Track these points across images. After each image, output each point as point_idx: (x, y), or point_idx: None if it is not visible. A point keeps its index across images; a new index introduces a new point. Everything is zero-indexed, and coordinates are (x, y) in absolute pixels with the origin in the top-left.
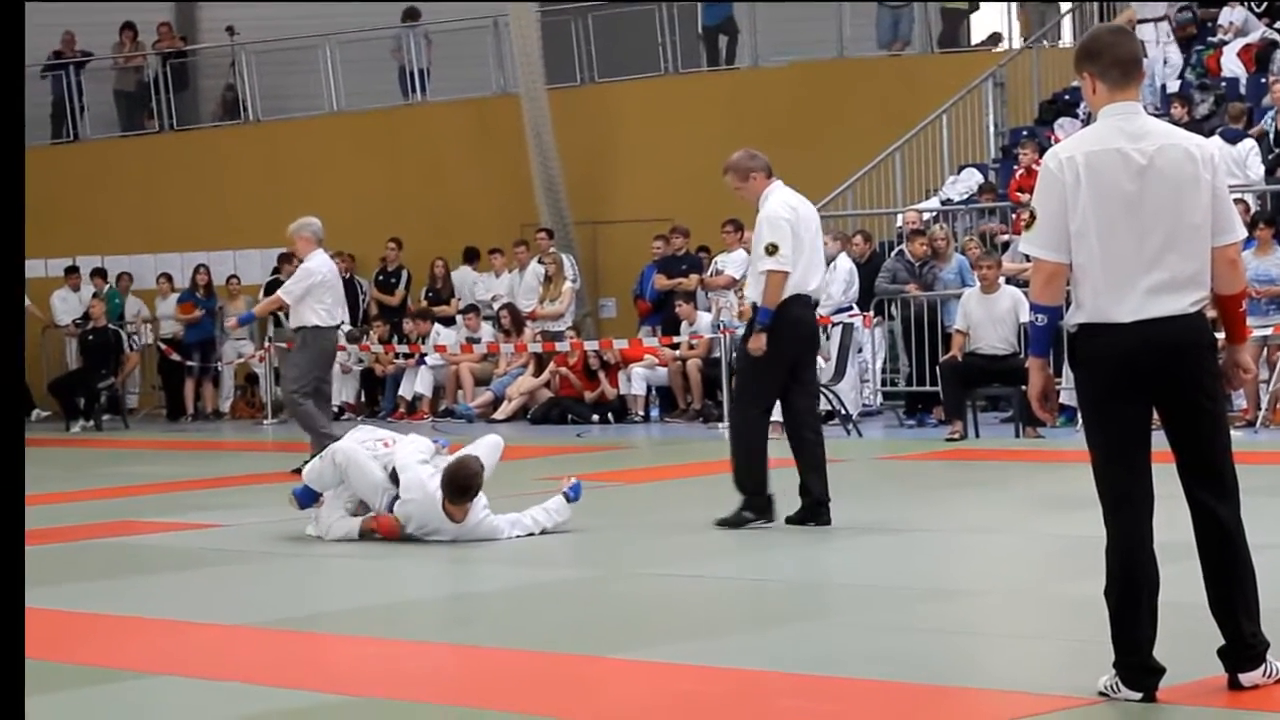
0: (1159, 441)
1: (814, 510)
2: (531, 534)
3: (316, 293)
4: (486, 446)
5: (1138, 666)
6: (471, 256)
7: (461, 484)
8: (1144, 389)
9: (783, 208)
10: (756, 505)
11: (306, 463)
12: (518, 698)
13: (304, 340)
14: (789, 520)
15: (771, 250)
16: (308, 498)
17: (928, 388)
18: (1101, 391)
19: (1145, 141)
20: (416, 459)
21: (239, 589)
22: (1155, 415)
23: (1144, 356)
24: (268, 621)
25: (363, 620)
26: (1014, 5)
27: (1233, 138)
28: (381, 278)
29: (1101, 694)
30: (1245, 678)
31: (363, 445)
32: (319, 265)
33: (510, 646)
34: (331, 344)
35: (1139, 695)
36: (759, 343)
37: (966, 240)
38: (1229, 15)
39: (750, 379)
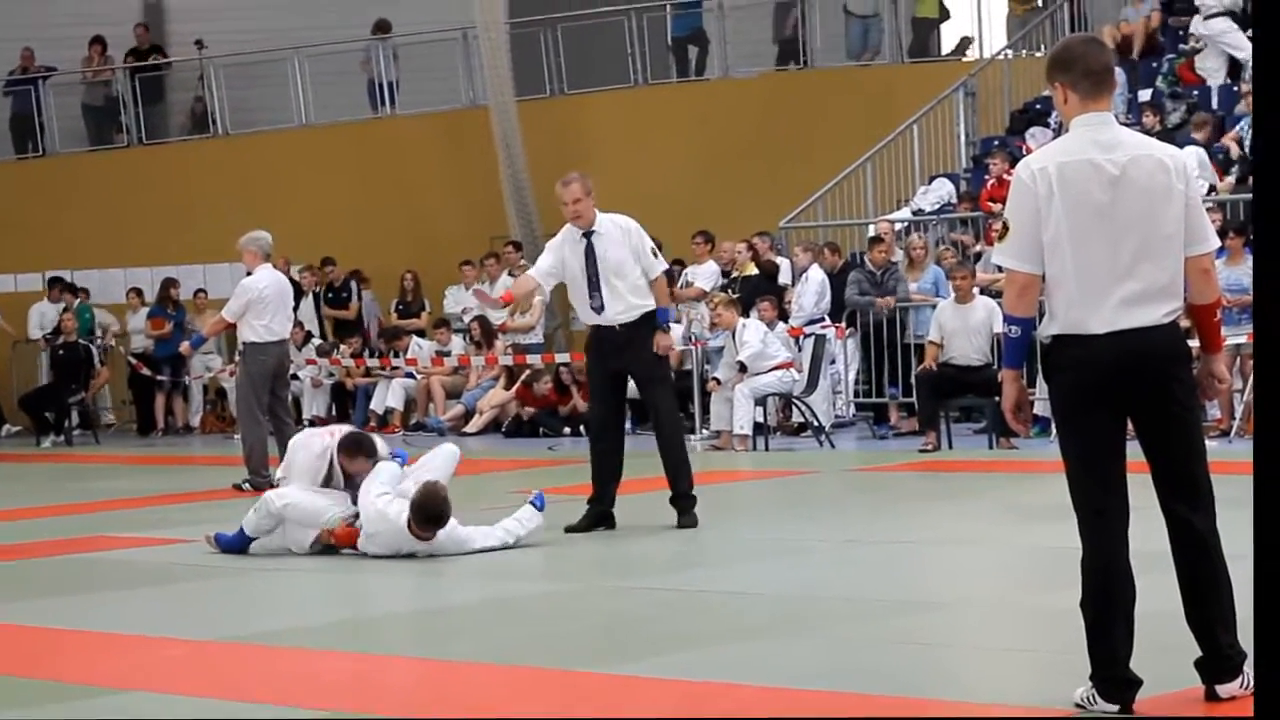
0: (1134, 452)
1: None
2: (506, 544)
3: (255, 309)
4: (443, 458)
5: (1114, 679)
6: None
7: (433, 514)
8: (1117, 400)
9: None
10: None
11: (246, 480)
12: (494, 712)
13: (243, 358)
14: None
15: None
16: (234, 544)
17: (883, 399)
18: (1075, 403)
19: (1117, 152)
20: (375, 493)
21: (210, 604)
22: (1130, 426)
23: (1117, 368)
24: (239, 636)
25: (337, 635)
26: (988, 10)
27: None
28: (330, 295)
29: (1078, 705)
30: (1223, 689)
31: (312, 457)
32: (257, 281)
33: (486, 660)
34: (273, 358)
35: (1116, 707)
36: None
37: (942, 250)
38: (1200, 25)
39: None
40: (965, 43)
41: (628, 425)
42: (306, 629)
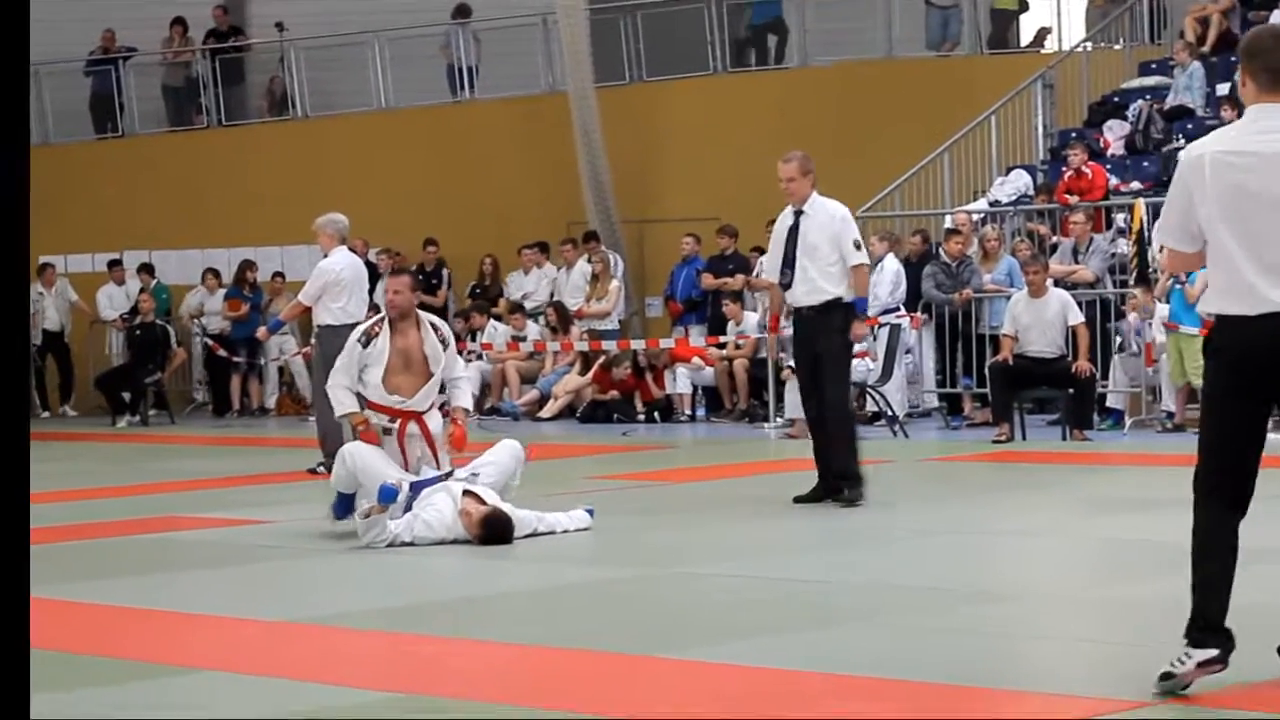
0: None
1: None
2: (553, 532)
3: (332, 291)
4: (509, 458)
5: (1206, 628)
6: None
7: (498, 542)
8: (1262, 384)
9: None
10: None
11: (320, 464)
12: (561, 695)
13: (320, 340)
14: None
15: (859, 246)
16: (341, 509)
17: (956, 389)
18: (1221, 384)
19: (1278, 141)
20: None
21: (282, 585)
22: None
23: (1270, 351)
24: (311, 618)
25: (405, 617)
26: (1067, 3)
27: None
28: (422, 276)
29: (1166, 674)
30: None
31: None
32: (333, 263)
33: (555, 644)
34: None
35: (1213, 653)
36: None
37: (1016, 242)
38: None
39: (846, 365)
40: (1043, 34)
41: (701, 411)
42: (374, 611)
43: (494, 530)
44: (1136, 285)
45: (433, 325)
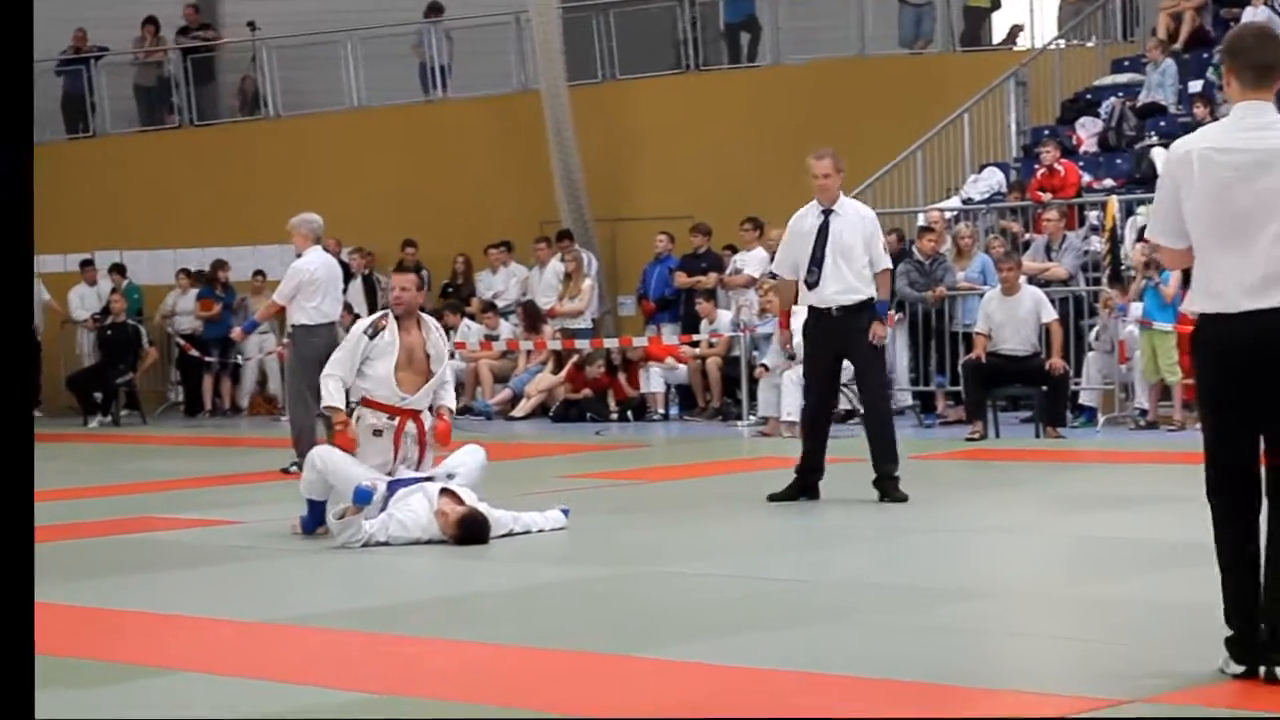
0: None
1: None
2: (529, 531)
3: (306, 291)
4: (474, 464)
5: (1240, 641)
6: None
7: (472, 541)
8: (1251, 379)
9: None
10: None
11: (294, 463)
12: (537, 695)
13: (294, 340)
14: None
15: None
16: (311, 523)
17: (930, 387)
18: (1213, 380)
19: (1266, 137)
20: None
21: (258, 586)
22: None
23: (1255, 347)
24: (287, 618)
25: (379, 618)
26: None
27: None
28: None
29: (1221, 670)
30: None
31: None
32: (307, 263)
33: (531, 644)
34: (323, 341)
35: (1242, 669)
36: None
37: (990, 239)
38: (1252, 14)
39: (883, 364)
40: (1016, 31)
41: (674, 410)
42: (350, 611)
43: (470, 530)
44: (1109, 283)
45: (439, 327)
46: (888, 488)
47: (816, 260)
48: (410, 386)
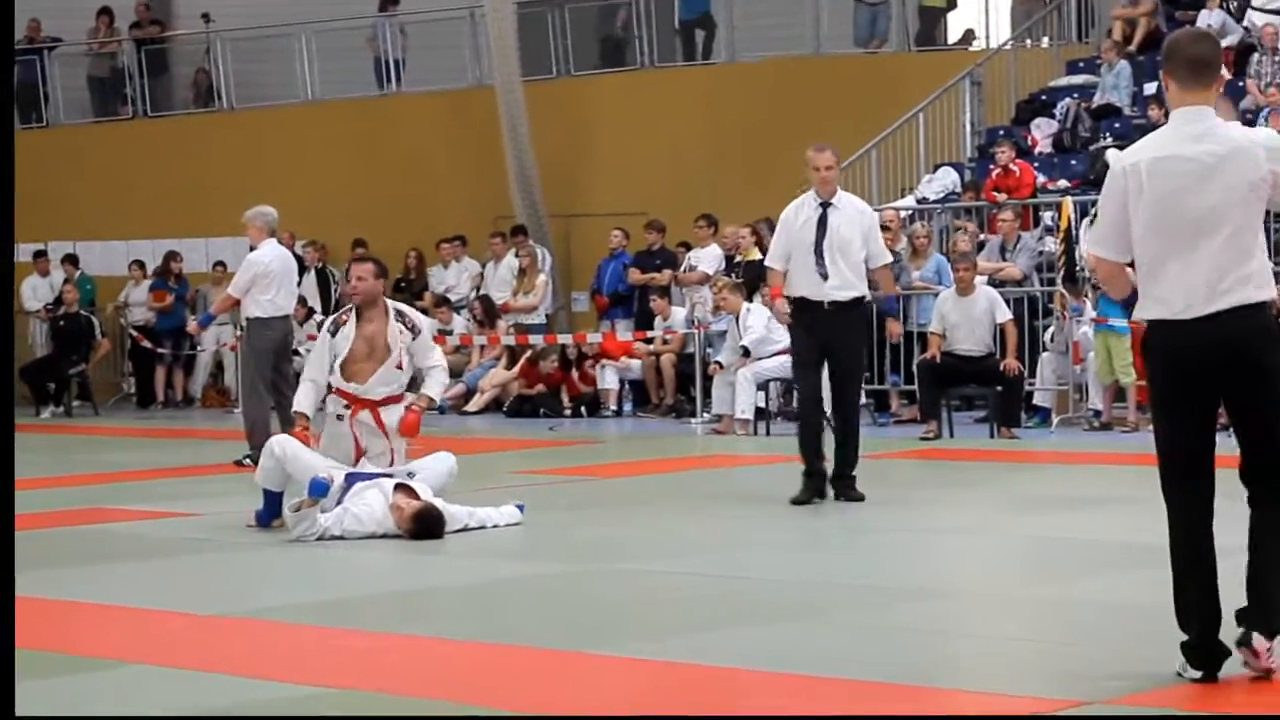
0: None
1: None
2: (484, 527)
3: (261, 284)
4: (441, 470)
5: (1198, 647)
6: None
7: (427, 536)
8: (1202, 383)
9: None
10: None
11: (247, 456)
12: (495, 691)
13: (248, 333)
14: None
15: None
16: (266, 515)
17: (884, 386)
18: (1167, 386)
19: (1209, 144)
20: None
21: (211, 579)
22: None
23: (1208, 351)
24: (240, 611)
25: (335, 611)
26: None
27: None
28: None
29: (1177, 674)
30: (1258, 641)
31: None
32: (262, 256)
33: (488, 640)
34: (278, 334)
35: (1200, 674)
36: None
37: (958, 235)
38: (1207, 18)
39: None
40: (969, 34)
41: (628, 406)
42: (305, 605)
43: (425, 525)
44: (1064, 284)
45: (400, 313)
46: (843, 487)
47: (820, 254)
48: (364, 376)
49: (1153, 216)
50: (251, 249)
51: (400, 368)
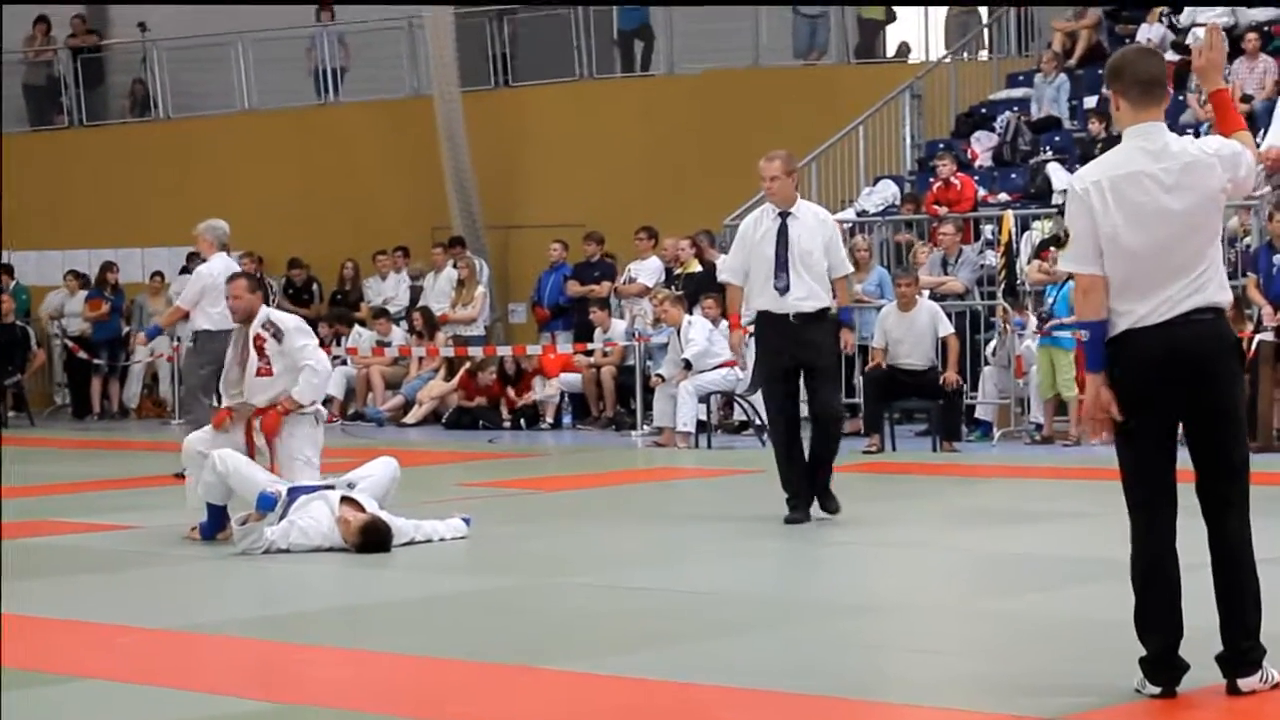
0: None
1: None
2: (430, 540)
3: (210, 296)
4: (384, 475)
5: (1157, 663)
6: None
7: (376, 550)
8: (1168, 389)
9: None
10: None
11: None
12: (441, 706)
13: (197, 344)
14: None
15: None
16: (210, 528)
17: None
18: (1130, 392)
19: (1168, 160)
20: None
21: (156, 592)
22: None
23: (1167, 357)
24: (186, 626)
25: (281, 626)
26: (934, 13)
27: None
28: (291, 292)
29: (1136, 690)
30: (1243, 683)
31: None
32: (211, 269)
33: (435, 654)
34: (224, 346)
35: (1158, 690)
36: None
37: (919, 246)
38: (1147, 32)
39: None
40: (905, 48)
41: (568, 419)
42: (252, 620)
43: (372, 538)
44: (1005, 297)
45: (265, 321)
46: (824, 500)
47: (783, 265)
48: (239, 386)
49: (1120, 231)
50: (201, 261)
51: (268, 374)
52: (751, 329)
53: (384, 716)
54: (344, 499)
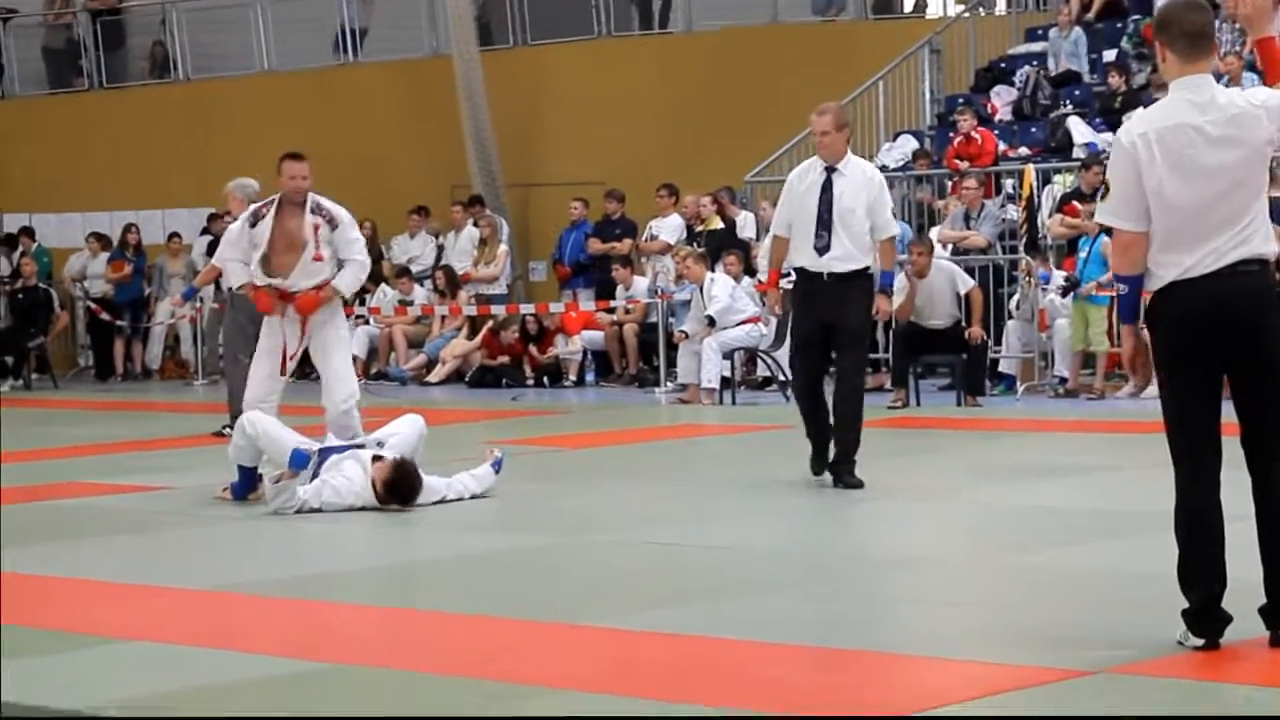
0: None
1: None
2: (461, 498)
3: None
4: (409, 431)
5: (1201, 614)
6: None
7: (405, 493)
8: (1213, 339)
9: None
10: None
11: (226, 426)
12: (479, 664)
13: (231, 302)
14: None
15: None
16: (242, 488)
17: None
18: (1175, 344)
19: (1214, 113)
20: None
21: (191, 553)
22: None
23: (1213, 308)
24: (224, 585)
25: (316, 585)
26: None
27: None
28: None
29: (1179, 643)
30: None
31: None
32: None
33: (470, 612)
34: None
35: (1202, 641)
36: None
37: (949, 200)
38: None
39: (866, 342)
40: (923, 3)
41: (590, 376)
42: (290, 579)
43: (402, 473)
44: (1027, 251)
45: (316, 205)
46: (842, 472)
47: (824, 223)
48: (286, 269)
49: (1165, 185)
50: (233, 220)
51: (320, 259)
52: (785, 284)
53: (436, 675)
54: (375, 458)
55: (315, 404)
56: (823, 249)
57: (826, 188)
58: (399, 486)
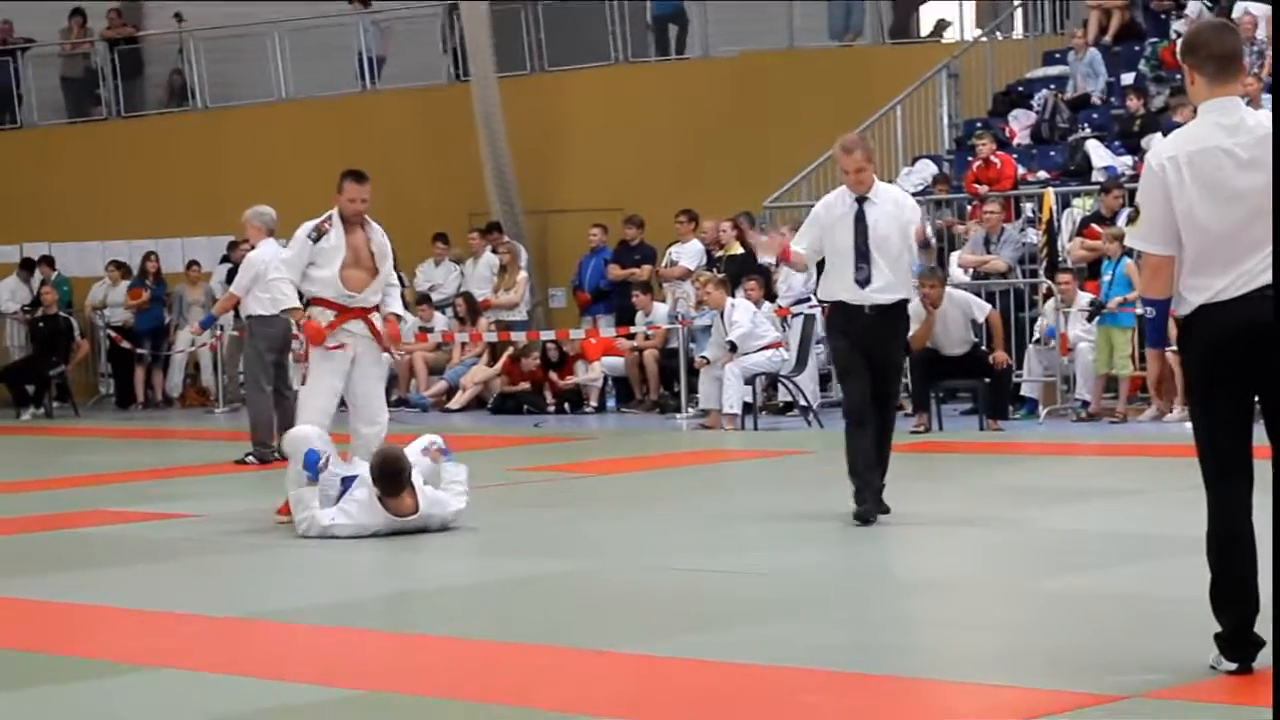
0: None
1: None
2: (446, 520)
3: (261, 282)
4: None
5: (1234, 639)
6: None
7: (391, 472)
8: (1245, 363)
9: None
10: None
11: (249, 454)
12: (514, 691)
13: (250, 330)
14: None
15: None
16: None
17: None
18: (1207, 367)
19: (1243, 135)
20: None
21: (215, 580)
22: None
23: (1244, 331)
24: (251, 613)
25: (343, 613)
26: None
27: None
28: None
29: (1211, 667)
30: None
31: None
32: (262, 255)
33: (501, 639)
34: (279, 330)
35: (1235, 665)
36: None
37: (970, 225)
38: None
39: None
40: (942, 25)
41: (611, 402)
42: (317, 606)
43: (382, 458)
44: (1047, 274)
45: (373, 225)
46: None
47: (863, 254)
48: (357, 284)
49: (1196, 208)
50: (251, 248)
51: (377, 274)
52: (792, 311)
53: (465, 702)
54: None
55: (340, 430)
56: (864, 281)
57: (860, 218)
58: (383, 470)
